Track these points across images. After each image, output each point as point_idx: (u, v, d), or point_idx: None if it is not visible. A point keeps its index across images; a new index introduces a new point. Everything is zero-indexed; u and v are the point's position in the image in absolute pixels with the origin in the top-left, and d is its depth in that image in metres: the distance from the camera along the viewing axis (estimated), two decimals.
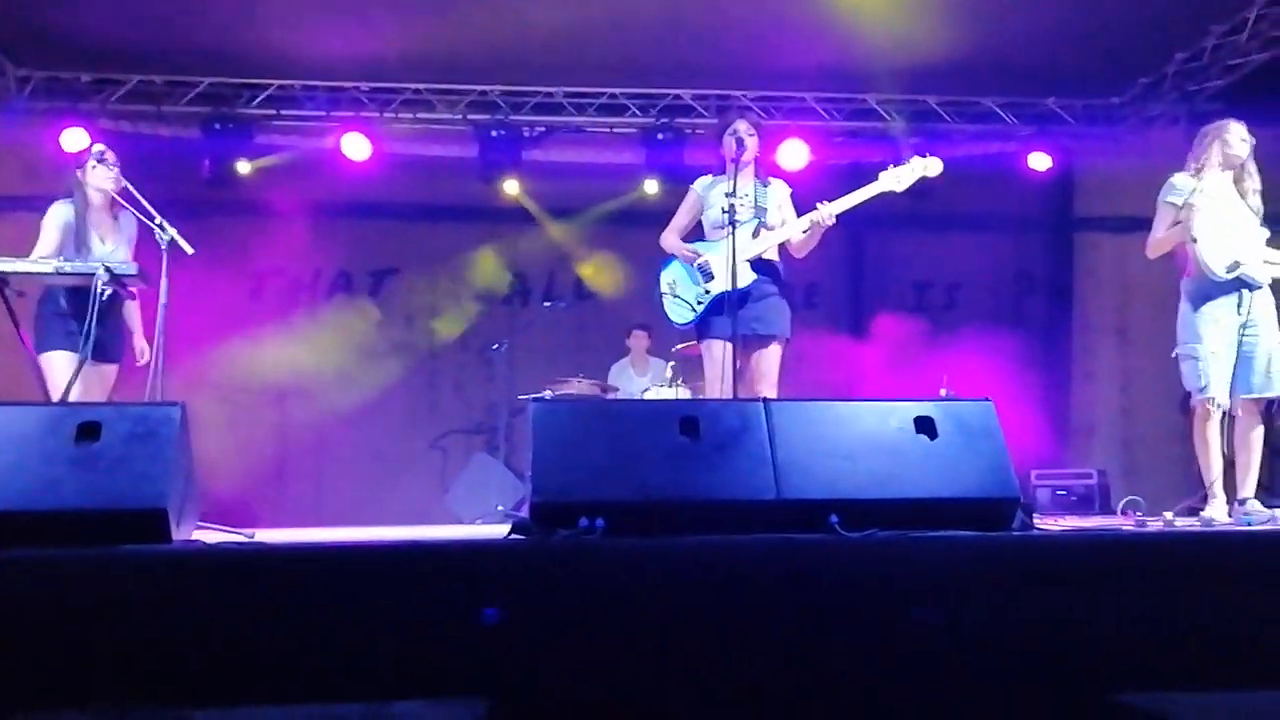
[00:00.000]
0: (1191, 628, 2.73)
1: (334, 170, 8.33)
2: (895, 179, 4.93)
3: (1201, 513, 4.68)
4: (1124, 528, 4.46)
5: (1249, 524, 4.40)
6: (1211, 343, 4.60)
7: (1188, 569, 2.82)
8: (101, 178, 4.86)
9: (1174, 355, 4.75)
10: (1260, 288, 4.64)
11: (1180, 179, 4.79)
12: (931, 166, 4.98)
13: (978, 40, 7.46)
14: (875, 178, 4.97)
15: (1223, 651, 2.70)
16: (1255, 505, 4.53)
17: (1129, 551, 2.93)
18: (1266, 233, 4.75)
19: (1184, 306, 4.73)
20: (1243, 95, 7.95)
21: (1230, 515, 4.57)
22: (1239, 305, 4.62)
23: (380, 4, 6.98)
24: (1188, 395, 4.82)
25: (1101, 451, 8.86)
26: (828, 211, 4.81)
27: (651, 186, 8.50)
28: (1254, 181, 4.80)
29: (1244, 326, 4.62)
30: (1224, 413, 4.64)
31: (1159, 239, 4.79)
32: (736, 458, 3.03)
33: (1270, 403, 4.73)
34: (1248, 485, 4.60)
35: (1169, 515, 4.80)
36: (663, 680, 2.58)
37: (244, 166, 8.24)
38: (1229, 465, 4.71)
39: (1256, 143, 4.76)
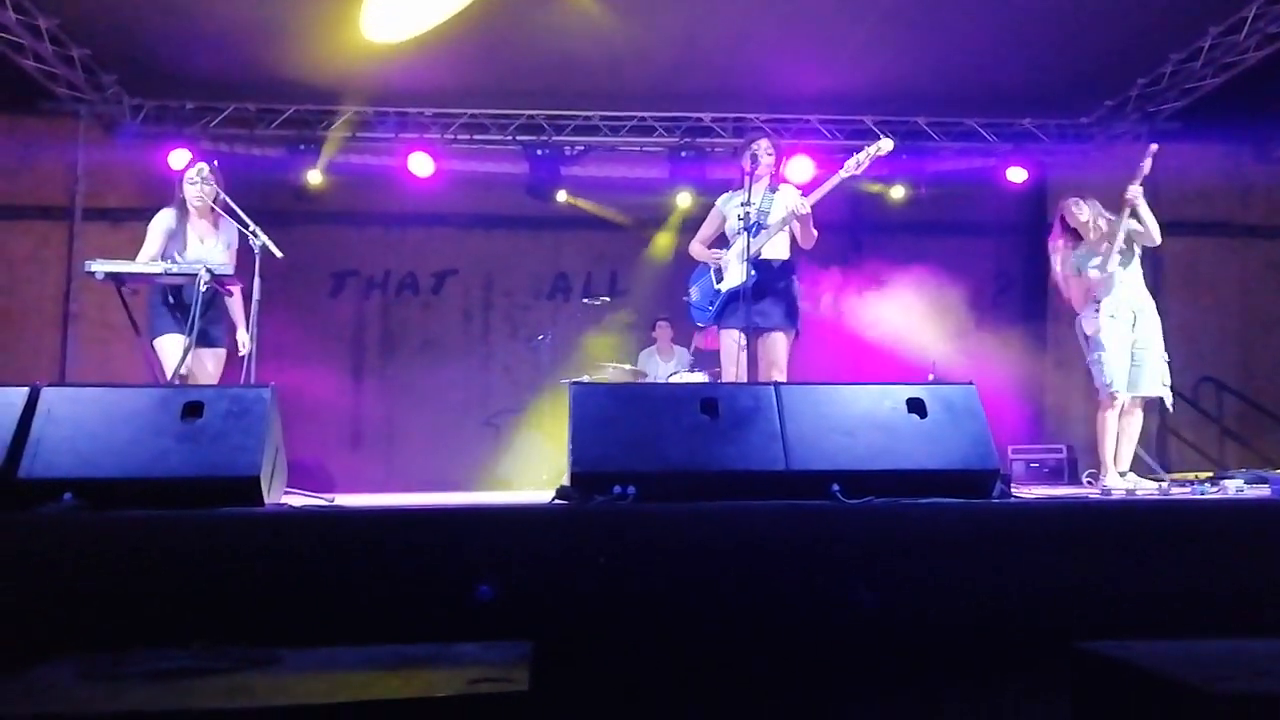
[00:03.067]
0: (1148, 583, 2.70)
1: (402, 185, 8.37)
2: (855, 163, 4.84)
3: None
4: (1090, 496, 4.42)
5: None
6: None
7: (1145, 532, 2.79)
8: (194, 194, 4.88)
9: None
10: None
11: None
12: (883, 146, 4.89)
13: (961, 67, 7.40)
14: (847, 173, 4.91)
15: (1176, 603, 2.68)
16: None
17: (1094, 517, 2.89)
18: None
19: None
20: (1197, 116, 7.84)
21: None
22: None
23: (442, 41, 6.99)
24: None
25: (1071, 429, 8.76)
26: (800, 202, 4.79)
27: (685, 200, 8.48)
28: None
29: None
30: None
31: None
32: (750, 434, 3.02)
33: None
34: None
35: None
36: (685, 625, 2.58)
37: (315, 177, 8.26)
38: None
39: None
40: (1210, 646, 2.10)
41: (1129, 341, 4.93)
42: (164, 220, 4.91)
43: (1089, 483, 5.40)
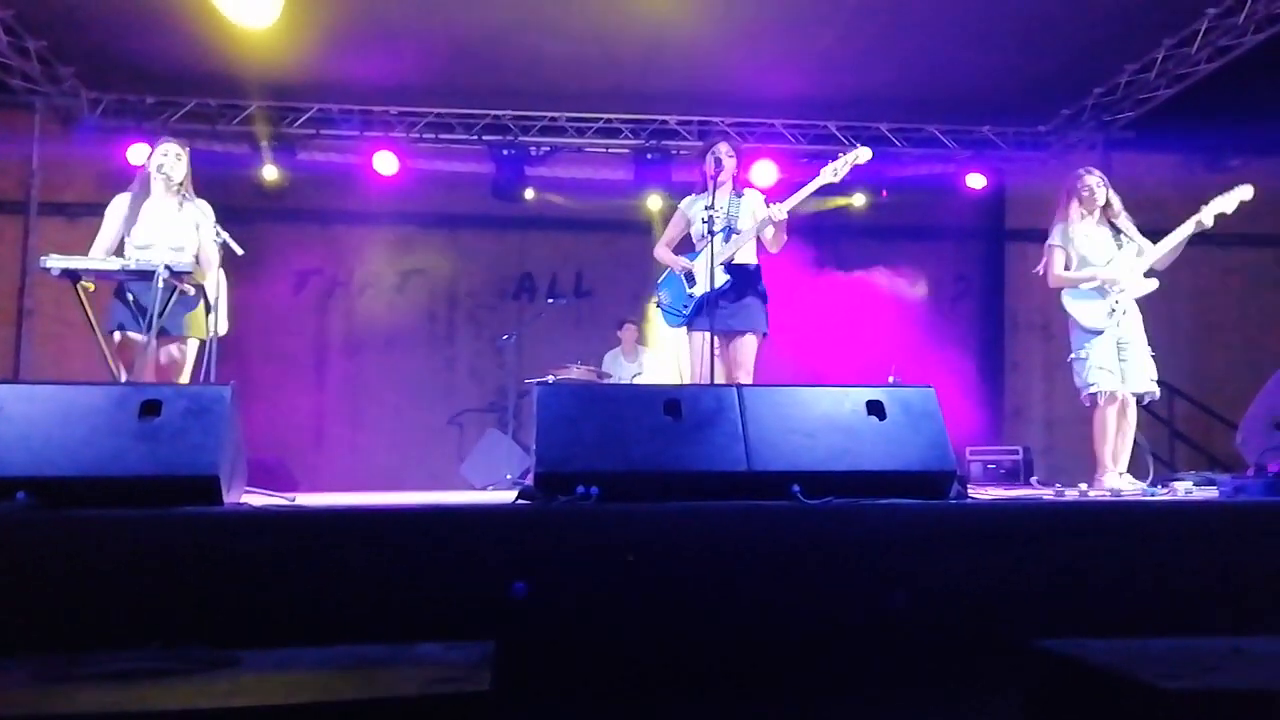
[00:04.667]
0: (1101, 583, 2.74)
1: (366, 183, 8.30)
2: (833, 171, 4.87)
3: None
4: (1044, 497, 4.48)
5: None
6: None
7: (1098, 532, 2.83)
8: (167, 165, 4.74)
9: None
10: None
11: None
12: (861, 155, 4.91)
13: (923, 75, 7.49)
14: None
15: (1127, 602, 2.72)
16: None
17: (1048, 517, 2.93)
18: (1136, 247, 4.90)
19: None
20: (1151, 126, 8.00)
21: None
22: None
23: (408, 39, 6.94)
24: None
25: (1027, 431, 8.90)
26: (777, 209, 4.76)
27: (655, 203, 8.48)
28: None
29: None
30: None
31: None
32: (713, 435, 3.02)
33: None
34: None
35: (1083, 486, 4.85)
36: (648, 625, 2.59)
37: (271, 173, 8.16)
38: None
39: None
40: (1161, 644, 2.14)
41: (1114, 339, 4.82)
42: (118, 205, 4.76)
43: (1037, 484, 5.41)
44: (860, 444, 3.08)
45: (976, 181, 8.67)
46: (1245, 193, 4.80)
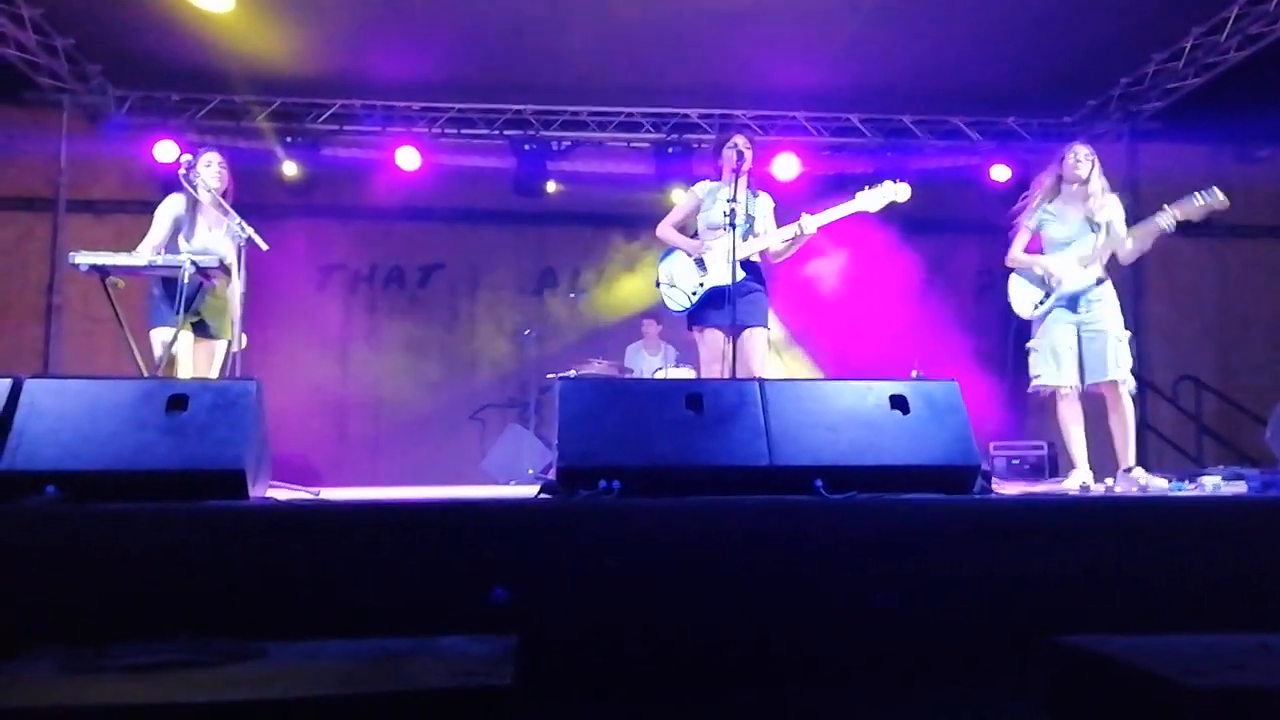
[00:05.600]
0: (1126, 578, 2.72)
1: (388, 178, 8.33)
2: (869, 200, 4.81)
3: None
4: (1069, 492, 4.44)
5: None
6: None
7: (1121, 528, 2.81)
8: (213, 178, 4.82)
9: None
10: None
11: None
12: (901, 192, 4.83)
13: (946, 66, 7.42)
14: (853, 195, 4.85)
15: (1153, 598, 2.70)
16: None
17: (1072, 513, 2.91)
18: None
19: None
20: (1178, 116, 7.89)
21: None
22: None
23: (430, 34, 6.96)
24: None
25: (1052, 426, 8.80)
26: (810, 224, 4.71)
27: (679, 197, 8.41)
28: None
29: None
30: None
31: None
32: (735, 429, 3.02)
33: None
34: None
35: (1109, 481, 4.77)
36: (669, 619, 2.59)
37: (290, 169, 8.20)
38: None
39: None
40: (1187, 641, 2.12)
41: (1072, 329, 4.64)
42: (173, 206, 4.84)
43: (1062, 479, 5.34)
44: (883, 438, 3.07)
45: (1001, 174, 8.59)
46: (1218, 204, 4.47)
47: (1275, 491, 3.92)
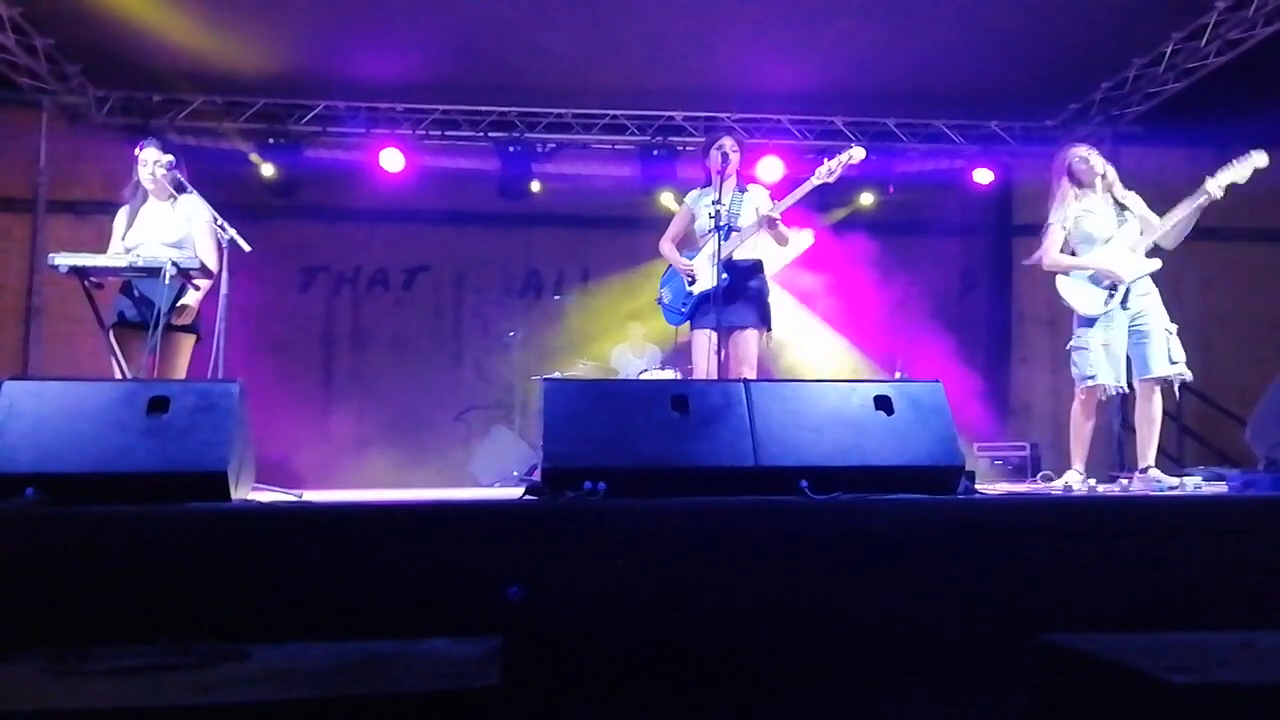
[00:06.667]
0: (1110, 577, 2.74)
1: (373, 180, 8.30)
2: (827, 170, 4.82)
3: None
4: (1052, 492, 4.46)
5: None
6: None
7: (1106, 527, 2.82)
8: (145, 175, 4.82)
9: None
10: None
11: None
12: (855, 154, 4.85)
13: (929, 70, 7.46)
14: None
15: (1137, 597, 2.71)
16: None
17: (1055, 513, 2.93)
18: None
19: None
20: (1159, 120, 7.96)
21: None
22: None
23: (414, 35, 6.94)
24: None
25: (1034, 426, 8.87)
26: (771, 206, 4.79)
27: (666, 199, 8.41)
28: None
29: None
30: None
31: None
32: (720, 430, 3.02)
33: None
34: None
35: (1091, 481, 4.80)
36: (654, 620, 2.58)
37: (268, 170, 8.14)
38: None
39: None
40: (1171, 639, 2.13)
41: (1124, 328, 4.60)
42: (120, 216, 4.88)
43: (1043, 479, 5.36)
44: (868, 439, 3.07)
45: (984, 177, 8.64)
46: (1259, 160, 4.44)
47: (1255, 491, 3.94)
